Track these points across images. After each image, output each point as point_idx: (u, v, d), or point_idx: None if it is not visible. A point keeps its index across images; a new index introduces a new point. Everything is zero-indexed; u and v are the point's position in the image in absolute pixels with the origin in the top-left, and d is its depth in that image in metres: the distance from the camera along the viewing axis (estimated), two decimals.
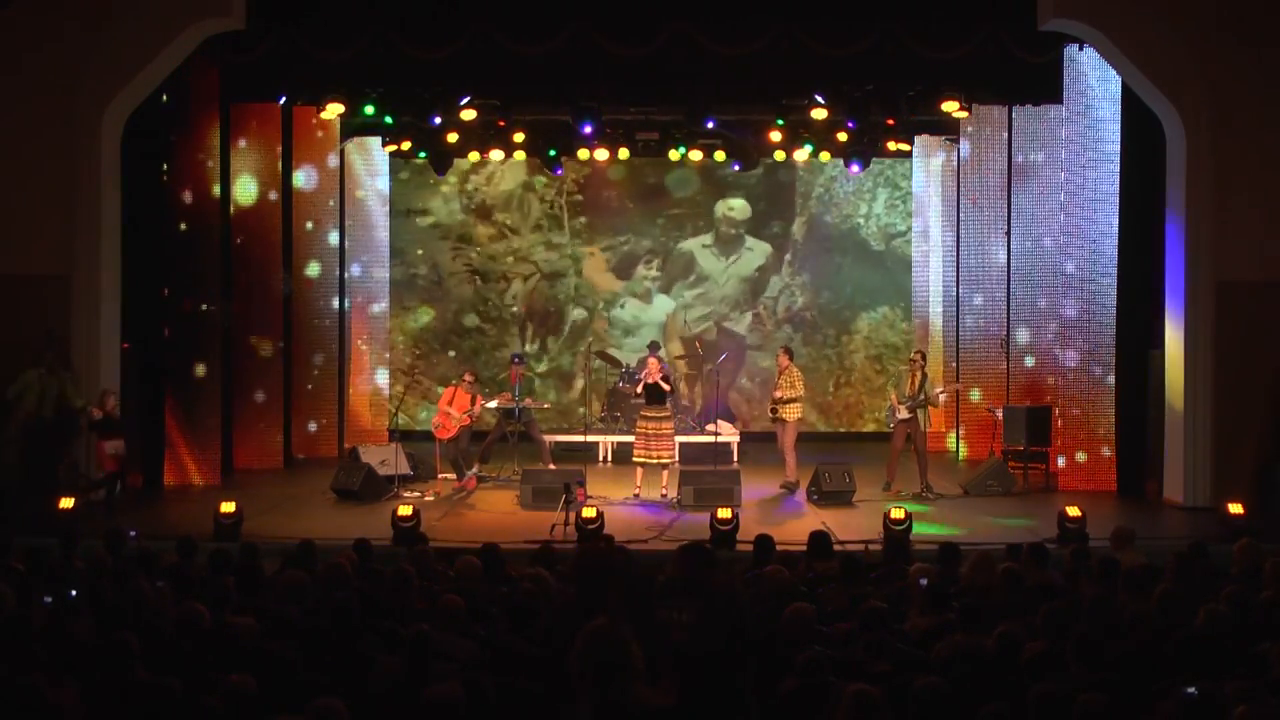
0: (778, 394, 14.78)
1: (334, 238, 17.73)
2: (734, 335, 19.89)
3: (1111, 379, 14.59)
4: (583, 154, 17.81)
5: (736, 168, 18.43)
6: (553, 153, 18.03)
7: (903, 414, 14.28)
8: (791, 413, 14.68)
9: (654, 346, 17.56)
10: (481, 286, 19.83)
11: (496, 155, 17.94)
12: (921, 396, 14.21)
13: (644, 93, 15.88)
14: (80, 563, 8.22)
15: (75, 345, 13.39)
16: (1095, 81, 14.47)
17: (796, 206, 19.91)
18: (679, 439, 15.36)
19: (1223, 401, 13.45)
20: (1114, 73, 14.10)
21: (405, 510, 11.59)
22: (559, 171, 18.80)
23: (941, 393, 15.56)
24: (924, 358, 14.83)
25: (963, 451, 17.36)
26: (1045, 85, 15.00)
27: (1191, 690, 4.79)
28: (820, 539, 9.29)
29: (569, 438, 17.13)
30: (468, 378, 15.51)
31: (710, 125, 16.35)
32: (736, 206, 19.84)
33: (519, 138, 17.20)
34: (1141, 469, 14.40)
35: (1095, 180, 14.55)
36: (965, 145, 17.37)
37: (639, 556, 10.89)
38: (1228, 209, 13.44)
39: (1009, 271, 16.92)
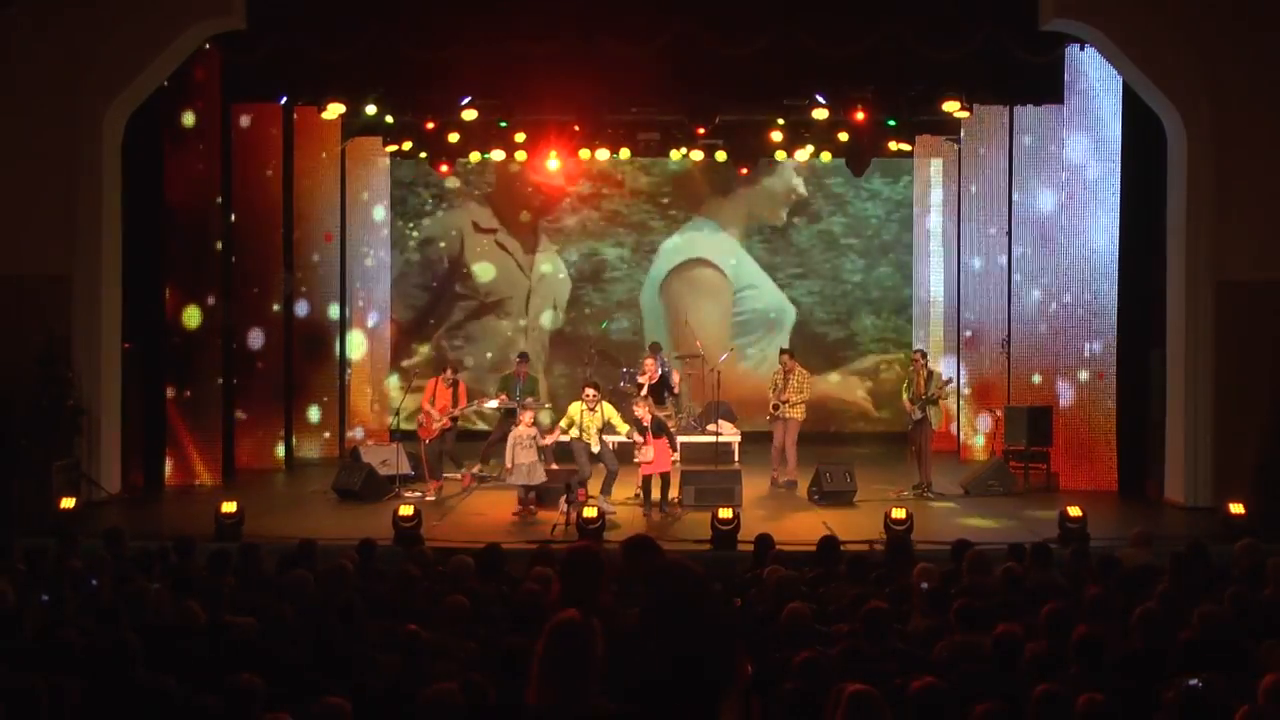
0: (786, 395, 14.75)
1: (334, 236, 17.75)
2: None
3: (1112, 379, 14.59)
4: (583, 154, 17.80)
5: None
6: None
7: (915, 414, 14.29)
8: (798, 412, 14.75)
9: (654, 348, 17.50)
10: None
11: (497, 155, 17.92)
12: (932, 393, 14.22)
13: (644, 93, 15.87)
14: (78, 562, 8.21)
15: (75, 345, 13.36)
16: (1096, 82, 14.47)
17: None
18: (679, 439, 15.34)
19: (1223, 401, 13.43)
20: (1115, 73, 14.10)
21: (406, 510, 11.59)
22: (554, 165, 18.78)
23: (948, 382, 15.58)
24: (925, 356, 14.85)
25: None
26: (1046, 85, 14.98)
27: (1194, 681, 4.79)
28: (829, 545, 9.24)
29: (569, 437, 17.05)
30: (448, 373, 14.86)
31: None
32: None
33: (519, 137, 17.20)
34: (1141, 469, 14.40)
35: (1095, 180, 14.55)
36: (965, 145, 17.37)
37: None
38: (1228, 208, 13.43)
39: (1009, 271, 16.90)
